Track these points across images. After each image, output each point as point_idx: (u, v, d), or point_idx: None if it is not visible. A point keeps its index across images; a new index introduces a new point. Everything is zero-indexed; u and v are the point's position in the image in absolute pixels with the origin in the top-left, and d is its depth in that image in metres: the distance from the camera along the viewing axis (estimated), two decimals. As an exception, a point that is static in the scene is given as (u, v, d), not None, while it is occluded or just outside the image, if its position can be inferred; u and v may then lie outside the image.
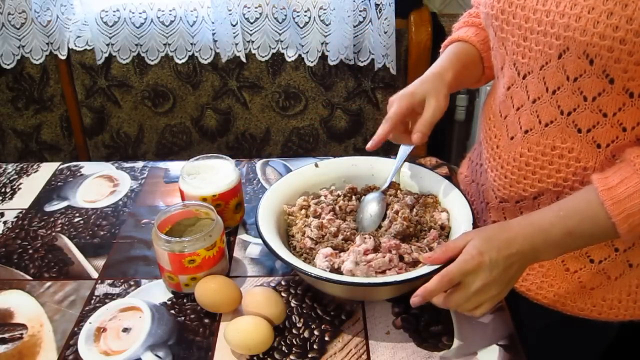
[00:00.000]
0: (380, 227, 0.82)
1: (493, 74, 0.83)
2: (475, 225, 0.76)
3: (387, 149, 0.90)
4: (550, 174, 0.72)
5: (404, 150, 0.89)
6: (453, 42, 0.87)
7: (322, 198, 0.87)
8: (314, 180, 0.90)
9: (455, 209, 0.82)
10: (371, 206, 0.84)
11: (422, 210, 0.83)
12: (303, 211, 0.84)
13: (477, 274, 0.63)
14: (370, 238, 0.76)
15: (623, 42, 0.58)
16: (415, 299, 0.65)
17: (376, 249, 0.75)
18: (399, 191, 0.88)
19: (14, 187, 1.06)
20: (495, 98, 0.80)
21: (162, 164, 1.12)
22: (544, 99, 0.68)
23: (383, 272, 0.72)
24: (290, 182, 0.88)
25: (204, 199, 0.84)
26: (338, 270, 0.72)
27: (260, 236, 0.75)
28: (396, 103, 0.78)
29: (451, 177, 0.98)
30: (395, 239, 0.76)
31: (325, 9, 1.47)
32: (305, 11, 1.47)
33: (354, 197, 0.87)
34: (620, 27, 0.57)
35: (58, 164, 1.13)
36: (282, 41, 1.51)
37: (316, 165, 0.91)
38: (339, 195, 0.87)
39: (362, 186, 0.90)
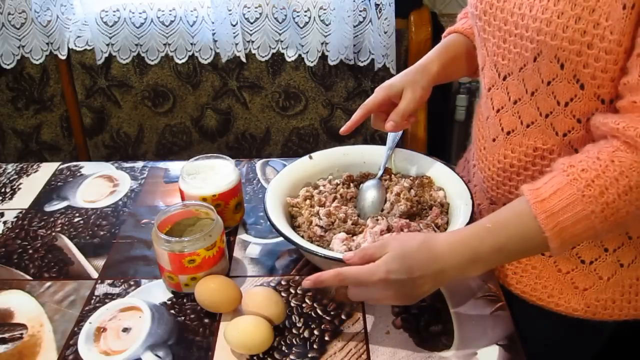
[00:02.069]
0: (382, 210, 0.84)
1: None
2: (473, 199, 0.79)
3: (384, 139, 0.92)
4: (533, 175, 0.73)
5: (392, 138, 0.92)
6: (450, 33, 0.89)
7: (322, 188, 0.89)
8: (310, 172, 0.92)
9: (450, 186, 0.86)
10: (370, 193, 0.86)
11: (420, 191, 0.86)
12: (307, 201, 0.86)
13: (376, 288, 0.63)
14: (383, 219, 0.78)
15: (590, 47, 0.58)
16: (306, 282, 0.66)
17: (389, 229, 0.77)
18: (392, 175, 0.91)
19: (14, 187, 1.06)
20: (481, 98, 0.81)
21: (162, 164, 1.12)
22: (525, 100, 0.69)
23: None
24: (289, 176, 0.90)
25: (204, 199, 0.84)
26: None
27: (281, 234, 0.76)
28: (374, 93, 0.82)
29: None
30: (402, 219, 0.79)
31: (325, 9, 1.47)
32: (305, 11, 1.47)
33: (351, 184, 0.90)
34: (588, 32, 0.58)
35: (58, 164, 1.13)
36: (282, 41, 1.51)
37: (310, 157, 0.93)
38: (337, 184, 0.90)
39: (356, 174, 0.93)
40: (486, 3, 0.69)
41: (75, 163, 1.13)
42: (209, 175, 0.89)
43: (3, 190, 1.05)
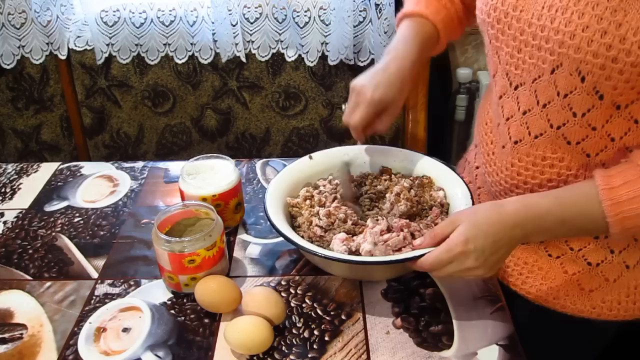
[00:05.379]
0: (382, 210, 0.85)
1: (445, 46, 0.84)
2: (473, 200, 0.79)
3: (384, 139, 0.92)
4: (541, 183, 0.72)
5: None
6: (414, 16, 0.83)
7: (322, 188, 0.89)
8: (310, 172, 0.92)
9: (450, 186, 0.86)
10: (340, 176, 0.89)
11: (420, 191, 0.86)
12: (307, 202, 0.86)
13: (460, 261, 0.65)
14: (383, 219, 0.78)
15: (615, 61, 0.58)
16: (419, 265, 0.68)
17: (389, 229, 0.77)
18: (392, 176, 0.91)
19: (14, 187, 1.06)
20: (491, 103, 0.80)
21: (162, 164, 1.12)
22: (535, 111, 0.69)
23: (399, 250, 0.75)
24: (289, 176, 0.90)
25: (204, 199, 0.84)
26: (355, 253, 0.75)
27: (281, 234, 0.76)
28: (361, 111, 0.78)
29: None
30: (402, 219, 0.79)
31: (325, 9, 1.46)
32: (305, 11, 1.47)
33: (351, 184, 0.90)
34: (613, 47, 0.57)
35: (58, 164, 1.13)
36: (282, 41, 1.51)
37: (310, 157, 0.93)
38: (337, 184, 0.90)
39: (356, 174, 0.93)
40: (500, 12, 0.68)
41: (75, 163, 1.13)
42: (209, 175, 0.89)
43: (3, 190, 1.05)
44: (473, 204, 0.79)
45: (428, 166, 0.91)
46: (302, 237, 0.80)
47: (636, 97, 0.61)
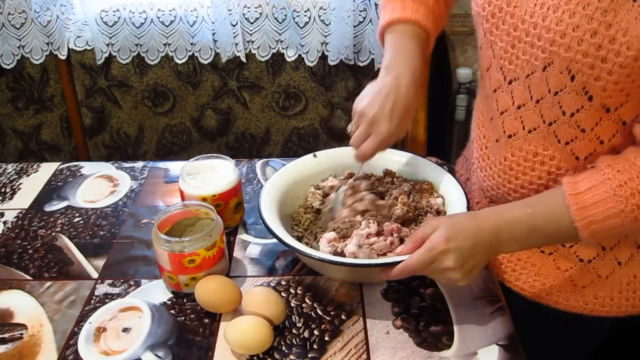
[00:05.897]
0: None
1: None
2: (469, 208, 0.79)
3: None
4: (532, 180, 0.73)
5: None
6: (407, 22, 0.80)
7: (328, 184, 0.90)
8: (313, 170, 0.92)
9: (450, 194, 0.85)
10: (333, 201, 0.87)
11: (418, 196, 0.86)
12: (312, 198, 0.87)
13: (440, 260, 0.65)
14: (374, 222, 0.78)
15: (604, 61, 0.58)
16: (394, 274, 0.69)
17: (379, 233, 0.77)
18: (395, 179, 0.91)
19: (14, 187, 1.06)
20: (482, 97, 0.80)
21: (162, 164, 1.12)
22: (529, 106, 0.69)
23: (384, 255, 0.75)
24: (290, 173, 0.90)
25: (204, 199, 0.84)
26: (341, 254, 0.75)
27: (266, 226, 0.76)
28: (375, 143, 0.76)
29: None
30: (396, 223, 0.79)
31: (325, 9, 1.46)
32: (305, 11, 1.47)
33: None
34: (603, 47, 0.58)
35: (58, 164, 1.13)
36: (282, 41, 1.51)
37: (314, 156, 0.93)
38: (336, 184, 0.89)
39: (358, 174, 0.92)
40: (495, 6, 0.68)
41: (75, 163, 1.13)
42: (209, 175, 0.89)
43: (3, 190, 1.05)
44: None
45: (431, 172, 0.90)
46: (297, 235, 0.80)
47: (625, 99, 0.61)
